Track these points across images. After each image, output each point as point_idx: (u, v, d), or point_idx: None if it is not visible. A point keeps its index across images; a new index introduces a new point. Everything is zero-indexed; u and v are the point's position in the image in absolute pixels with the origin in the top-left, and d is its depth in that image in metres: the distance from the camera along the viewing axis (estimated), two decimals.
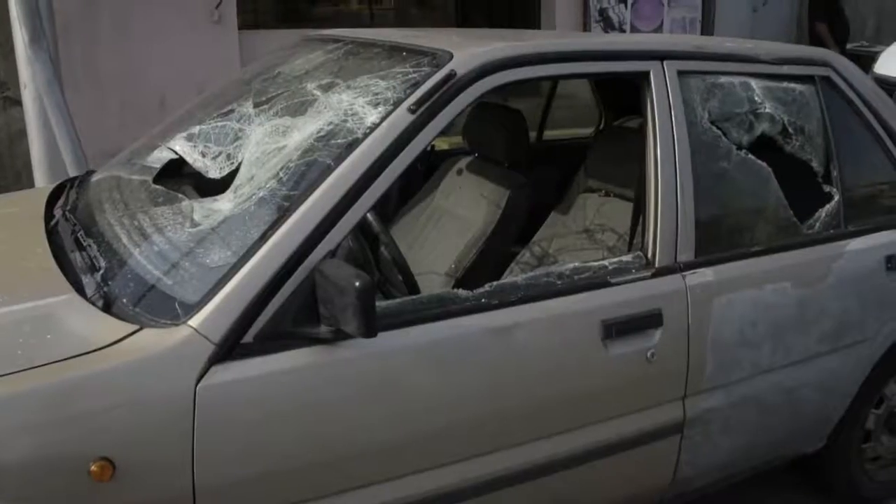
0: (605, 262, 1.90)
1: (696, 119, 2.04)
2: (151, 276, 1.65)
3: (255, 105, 2.05)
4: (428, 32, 2.32)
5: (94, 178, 2.37)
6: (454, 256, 2.56)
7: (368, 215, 1.86)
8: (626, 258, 1.93)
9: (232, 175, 1.84)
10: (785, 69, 2.24)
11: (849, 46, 6.80)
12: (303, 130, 1.82)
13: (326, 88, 1.94)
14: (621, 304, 1.85)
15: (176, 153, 2.10)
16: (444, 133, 1.82)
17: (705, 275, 1.97)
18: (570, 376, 1.81)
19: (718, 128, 2.09)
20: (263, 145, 1.86)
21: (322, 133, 1.76)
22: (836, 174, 2.27)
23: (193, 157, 2.02)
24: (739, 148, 2.11)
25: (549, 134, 3.54)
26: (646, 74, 2.00)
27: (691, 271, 1.96)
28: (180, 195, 1.89)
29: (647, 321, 1.87)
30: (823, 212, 2.24)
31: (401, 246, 2.82)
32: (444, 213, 2.77)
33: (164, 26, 4.64)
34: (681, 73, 2.04)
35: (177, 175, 2.17)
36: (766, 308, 2.05)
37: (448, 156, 2.98)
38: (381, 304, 1.63)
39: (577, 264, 1.86)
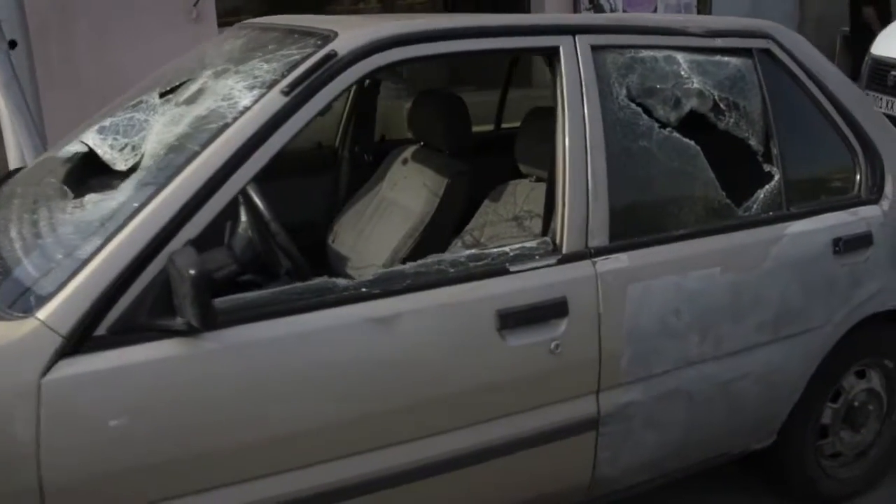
0: (507, 249, 1.80)
1: (613, 96, 1.94)
2: (21, 269, 1.61)
3: (161, 95, 2.01)
4: (337, 18, 2.24)
5: (18, 175, 2.35)
6: (392, 247, 2.49)
7: (259, 204, 1.79)
8: (531, 244, 1.83)
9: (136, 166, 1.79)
10: (718, 42, 2.12)
11: None
12: (188, 118, 1.77)
13: (218, 75, 1.89)
14: (520, 292, 1.75)
15: (88, 146, 2.06)
16: None
17: (619, 260, 1.86)
18: (463, 370, 1.71)
19: (639, 104, 1.97)
20: (160, 135, 1.82)
21: (198, 119, 1.70)
22: (777, 152, 2.13)
23: (103, 150, 1.98)
24: (663, 126, 1.99)
25: None
26: (555, 50, 1.90)
27: (603, 257, 1.85)
28: (66, 188, 1.85)
29: (550, 310, 1.77)
30: (762, 193, 2.11)
31: (347, 237, 2.78)
32: (389, 204, 2.70)
33: (143, 25, 4.63)
34: (595, 48, 1.94)
35: (99, 168, 2.14)
36: (692, 295, 1.93)
37: (396, 145, 2.90)
38: (249, 294, 1.57)
39: (474, 251, 1.78)
